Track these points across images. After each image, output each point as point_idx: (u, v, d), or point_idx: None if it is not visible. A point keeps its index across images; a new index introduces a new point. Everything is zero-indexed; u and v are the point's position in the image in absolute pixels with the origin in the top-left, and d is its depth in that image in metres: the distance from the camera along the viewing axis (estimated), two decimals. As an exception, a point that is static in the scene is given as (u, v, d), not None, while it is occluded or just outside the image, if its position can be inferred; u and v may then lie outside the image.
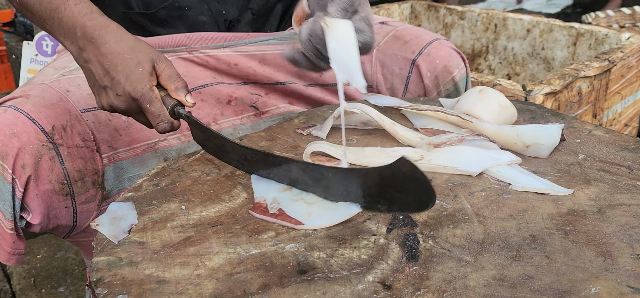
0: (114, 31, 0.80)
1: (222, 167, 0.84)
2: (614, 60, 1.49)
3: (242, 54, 1.05)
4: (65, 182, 0.86)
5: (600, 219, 0.68)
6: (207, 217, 0.72)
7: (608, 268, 0.59)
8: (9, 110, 0.84)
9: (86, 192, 0.89)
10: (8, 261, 0.86)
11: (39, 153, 0.83)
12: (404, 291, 0.58)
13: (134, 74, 0.78)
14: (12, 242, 0.85)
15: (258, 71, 1.04)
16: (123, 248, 0.67)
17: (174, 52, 1.03)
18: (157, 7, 1.02)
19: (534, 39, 1.88)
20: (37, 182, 0.83)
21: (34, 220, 0.84)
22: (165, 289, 0.59)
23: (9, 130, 0.82)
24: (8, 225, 0.83)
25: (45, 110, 0.85)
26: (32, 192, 0.83)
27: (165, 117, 0.80)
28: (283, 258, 0.63)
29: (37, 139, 0.83)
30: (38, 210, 0.84)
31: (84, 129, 0.89)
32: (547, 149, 0.82)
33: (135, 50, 0.79)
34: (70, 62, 0.97)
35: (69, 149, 0.86)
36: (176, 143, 0.95)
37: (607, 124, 1.62)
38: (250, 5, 1.07)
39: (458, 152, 0.81)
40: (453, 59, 1.07)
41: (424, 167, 0.79)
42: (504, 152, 0.82)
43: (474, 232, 0.66)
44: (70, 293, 1.50)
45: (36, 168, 0.83)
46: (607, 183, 0.76)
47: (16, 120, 0.83)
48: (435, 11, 2.14)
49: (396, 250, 0.64)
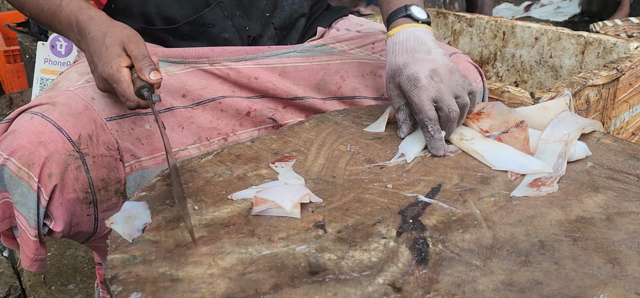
0: (97, 21, 0.88)
1: (234, 168, 0.85)
2: (623, 70, 1.49)
3: (262, 67, 1.05)
4: (90, 190, 0.87)
5: (609, 227, 0.69)
6: (220, 217, 0.73)
7: (616, 275, 0.60)
8: (36, 117, 0.84)
9: (108, 200, 0.90)
10: (30, 267, 0.87)
11: (66, 163, 0.84)
12: (414, 294, 0.58)
13: (104, 56, 0.85)
14: (35, 249, 0.85)
15: (277, 85, 1.05)
16: (137, 246, 0.68)
17: (196, 63, 1.03)
18: (179, 22, 1.03)
19: (542, 47, 1.88)
20: (62, 191, 0.84)
21: (57, 227, 0.85)
22: (178, 287, 0.60)
23: (36, 138, 0.82)
24: (32, 232, 0.84)
25: (72, 119, 0.86)
26: (57, 200, 0.84)
27: (131, 96, 0.84)
28: (294, 259, 0.64)
29: (64, 148, 0.84)
30: (61, 218, 0.85)
31: (108, 138, 0.90)
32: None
33: (107, 35, 0.86)
34: None
35: (94, 159, 0.87)
36: (196, 152, 0.96)
37: (614, 132, 1.62)
38: (273, 20, 1.08)
39: (493, 146, 0.87)
40: (471, 72, 1.08)
41: (464, 146, 0.89)
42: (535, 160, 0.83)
43: (483, 237, 0.67)
44: (80, 290, 1.51)
45: (62, 178, 0.84)
46: (615, 191, 0.76)
47: (44, 128, 0.84)
48: (444, 18, 2.15)
49: (406, 253, 0.65)
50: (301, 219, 0.72)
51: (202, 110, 1.00)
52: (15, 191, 0.82)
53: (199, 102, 1.00)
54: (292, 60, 1.07)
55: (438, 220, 0.71)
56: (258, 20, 1.07)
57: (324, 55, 1.09)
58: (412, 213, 0.72)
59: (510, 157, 0.84)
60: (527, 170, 0.81)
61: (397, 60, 0.91)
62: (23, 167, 0.81)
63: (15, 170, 0.82)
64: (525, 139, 0.87)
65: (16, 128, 0.84)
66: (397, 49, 0.92)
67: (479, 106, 0.96)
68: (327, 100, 1.09)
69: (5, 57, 2.63)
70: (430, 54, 0.90)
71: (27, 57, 2.32)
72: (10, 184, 0.82)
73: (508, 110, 0.92)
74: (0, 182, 0.83)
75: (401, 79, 0.89)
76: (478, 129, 0.91)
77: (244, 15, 1.06)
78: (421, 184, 0.79)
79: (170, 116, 0.97)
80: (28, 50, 2.28)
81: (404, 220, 0.71)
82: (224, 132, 1.00)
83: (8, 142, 0.83)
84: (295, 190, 0.75)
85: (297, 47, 1.09)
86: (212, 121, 1.00)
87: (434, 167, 0.84)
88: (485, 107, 0.95)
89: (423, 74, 0.86)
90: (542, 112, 0.94)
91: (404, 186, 0.79)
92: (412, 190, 0.78)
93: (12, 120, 0.87)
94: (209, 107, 1.00)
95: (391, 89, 0.92)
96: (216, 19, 1.02)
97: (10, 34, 2.73)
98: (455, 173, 0.82)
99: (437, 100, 0.86)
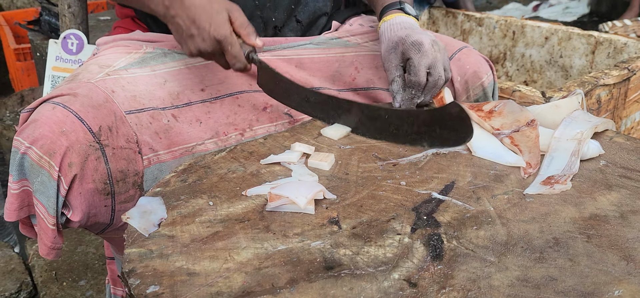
0: None
1: (247, 165, 0.86)
2: (634, 69, 1.49)
3: (279, 58, 1.07)
4: (108, 181, 0.88)
5: (623, 224, 0.69)
6: (234, 213, 0.74)
7: (631, 272, 0.60)
8: (58, 108, 0.85)
9: (126, 192, 0.91)
10: (48, 255, 0.88)
11: (86, 153, 0.85)
12: (429, 289, 0.59)
13: (216, 20, 0.90)
14: (53, 237, 0.87)
15: (294, 76, 1.06)
16: (153, 241, 0.68)
17: None
18: None
19: (552, 47, 1.88)
20: (82, 181, 0.85)
21: (75, 217, 0.86)
22: (195, 281, 0.61)
23: (57, 128, 0.84)
24: (51, 221, 0.85)
25: (93, 110, 0.87)
26: (76, 190, 0.85)
27: (242, 59, 0.92)
28: (309, 255, 0.65)
29: (85, 139, 0.85)
30: (79, 208, 0.86)
31: (128, 131, 0.91)
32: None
33: (212, 1, 0.91)
34: (114, 60, 0.98)
35: (113, 150, 0.88)
36: (213, 147, 0.97)
37: (625, 132, 1.62)
38: (296, 13, 1.12)
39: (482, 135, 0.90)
40: (482, 66, 1.10)
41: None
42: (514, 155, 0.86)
43: (497, 234, 0.67)
44: (91, 286, 1.52)
45: (82, 168, 0.85)
46: (628, 190, 0.76)
47: (65, 118, 0.85)
48: (453, 17, 2.15)
49: (421, 249, 0.65)
50: (315, 215, 0.73)
51: (220, 105, 1.01)
52: (35, 179, 0.83)
53: (217, 96, 1.01)
54: (308, 52, 1.10)
55: (452, 216, 0.71)
56: (285, 10, 1.10)
57: (339, 48, 1.12)
58: (426, 210, 0.73)
59: (493, 148, 0.88)
60: (504, 160, 0.85)
61: (399, 33, 1.00)
62: (44, 156, 0.82)
63: (36, 159, 0.83)
64: (536, 137, 0.87)
65: (38, 117, 0.85)
66: (396, 28, 1.02)
67: (491, 104, 0.96)
68: (342, 91, 1.10)
69: (15, 54, 2.65)
70: (426, 33, 1.00)
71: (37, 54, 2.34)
72: (31, 172, 0.83)
73: (519, 108, 0.92)
74: (20, 171, 0.84)
75: (405, 46, 0.97)
76: (490, 126, 0.92)
77: (272, 6, 1.09)
78: (434, 181, 0.80)
79: (188, 111, 0.98)
80: (39, 48, 2.29)
81: (418, 216, 0.71)
82: (241, 128, 1.01)
83: (30, 131, 0.84)
84: (309, 187, 0.76)
85: (313, 39, 1.12)
86: (229, 116, 1.00)
87: (447, 164, 0.84)
88: (497, 105, 0.95)
89: (426, 41, 0.97)
90: (554, 110, 0.94)
91: (418, 183, 0.79)
92: (425, 188, 0.78)
93: (33, 109, 0.88)
94: (226, 102, 1.01)
95: (390, 60, 1.01)
96: (247, 6, 1.04)
97: (21, 32, 2.75)
98: (469, 171, 0.82)
99: (431, 67, 0.97)
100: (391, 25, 1.03)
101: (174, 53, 1.03)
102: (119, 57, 1.00)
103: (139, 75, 0.97)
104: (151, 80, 0.97)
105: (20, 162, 0.84)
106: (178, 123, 0.96)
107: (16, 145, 0.84)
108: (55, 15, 2.19)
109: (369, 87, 1.11)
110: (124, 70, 0.96)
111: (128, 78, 0.95)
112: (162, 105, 0.95)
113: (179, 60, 1.02)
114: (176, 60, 1.02)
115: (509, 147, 0.88)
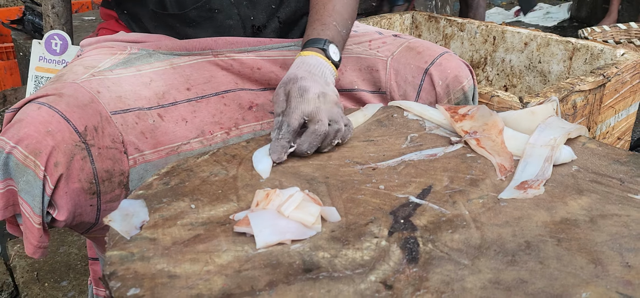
0: None
1: (229, 168, 0.87)
2: (609, 76, 1.52)
3: (264, 59, 1.09)
4: (94, 181, 0.89)
5: (592, 228, 0.71)
6: (216, 216, 0.75)
7: (598, 275, 0.63)
8: (43, 107, 0.86)
9: (112, 191, 0.92)
10: (34, 254, 0.89)
11: (72, 153, 0.86)
12: (405, 291, 0.61)
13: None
14: (39, 236, 0.87)
15: (279, 76, 1.08)
16: (135, 243, 0.69)
17: (201, 55, 1.07)
18: (189, 7, 1.06)
19: (532, 52, 1.92)
20: (67, 181, 0.86)
21: (60, 216, 0.87)
22: (176, 284, 0.62)
23: (43, 128, 0.84)
24: (36, 220, 0.85)
25: (79, 110, 0.88)
26: (62, 189, 0.86)
27: None
28: (289, 257, 0.66)
29: (70, 138, 0.86)
30: (65, 208, 0.86)
31: (113, 131, 0.91)
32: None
33: None
34: (99, 61, 0.99)
35: (99, 150, 0.89)
36: (199, 146, 0.98)
37: (600, 137, 1.66)
38: (278, 13, 1.13)
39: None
40: (463, 70, 1.12)
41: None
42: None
43: (472, 237, 0.70)
44: (73, 287, 1.52)
45: (68, 167, 0.85)
46: (599, 195, 0.79)
47: (51, 118, 0.85)
48: (436, 22, 2.18)
49: (397, 252, 0.67)
50: (295, 218, 0.74)
51: (206, 104, 1.02)
52: (20, 179, 0.84)
53: (202, 96, 1.02)
54: (292, 54, 1.11)
55: (428, 220, 0.73)
56: (264, 11, 1.11)
57: None
58: (404, 213, 0.75)
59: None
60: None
61: (297, 72, 0.94)
62: (30, 156, 0.83)
63: (22, 159, 0.83)
64: (502, 142, 0.91)
65: (23, 117, 0.85)
66: (303, 66, 0.95)
67: (465, 108, 0.99)
68: None
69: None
70: (328, 85, 0.95)
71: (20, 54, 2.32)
72: (16, 172, 0.84)
73: (490, 113, 0.95)
74: (5, 170, 0.85)
75: (292, 87, 0.91)
76: (460, 129, 0.95)
77: (250, 5, 1.09)
78: (412, 185, 0.82)
79: (174, 110, 0.99)
80: (22, 48, 2.28)
81: (396, 220, 0.73)
82: (227, 126, 1.02)
83: (15, 130, 0.84)
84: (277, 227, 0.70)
85: (297, 41, 1.13)
86: (215, 115, 1.02)
87: (424, 169, 0.86)
88: (470, 109, 0.98)
89: (313, 91, 0.90)
90: (530, 116, 0.97)
91: (396, 187, 0.81)
92: (403, 191, 0.80)
93: (17, 109, 0.88)
94: (212, 101, 1.02)
95: (279, 94, 0.93)
96: (223, 4, 1.05)
97: (4, 31, 2.73)
98: (446, 176, 0.84)
99: (312, 116, 0.89)
100: (301, 62, 0.97)
101: (159, 53, 1.04)
102: (104, 58, 1.00)
103: (124, 75, 0.98)
104: (136, 81, 0.98)
105: (5, 162, 0.84)
106: (164, 122, 0.97)
107: (1, 144, 0.85)
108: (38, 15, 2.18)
109: (353, 88, 1.13)
110: (109, 71, 0.96)
111: (113, 79, 0.96)
112: (148, 105, 0.96)
113: (164, 60, 1.03)
114: (161, 60, 1.03)
115: (475, 149, 0.90)
